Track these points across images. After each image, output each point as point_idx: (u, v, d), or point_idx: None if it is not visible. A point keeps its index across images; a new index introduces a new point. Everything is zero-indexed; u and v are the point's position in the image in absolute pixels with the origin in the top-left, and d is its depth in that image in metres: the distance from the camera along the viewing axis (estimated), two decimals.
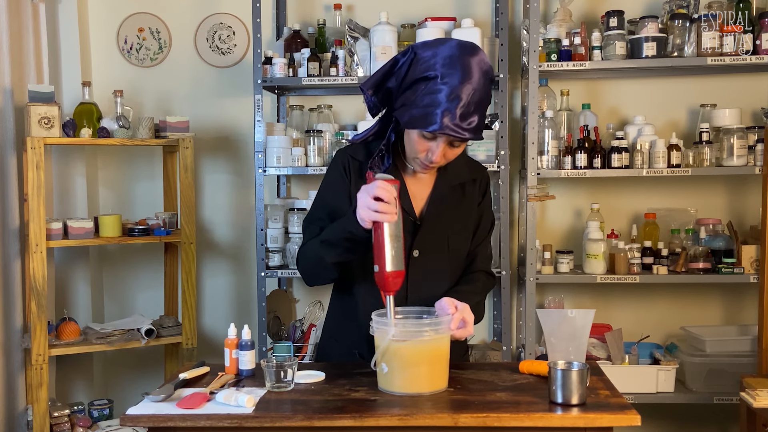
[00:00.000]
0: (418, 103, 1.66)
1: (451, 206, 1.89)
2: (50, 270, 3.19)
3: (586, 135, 3.14)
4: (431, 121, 1.64)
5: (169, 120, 3.22)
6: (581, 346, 1.85)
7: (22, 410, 3.11)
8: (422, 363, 1.61)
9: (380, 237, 1.63)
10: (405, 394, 1.61)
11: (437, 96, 1.63)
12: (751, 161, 3.05)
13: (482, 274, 1.95)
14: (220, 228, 3.66)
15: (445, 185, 1.88)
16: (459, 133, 1.64)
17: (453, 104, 1.62)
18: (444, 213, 1.87)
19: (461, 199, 1.91)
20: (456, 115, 1.62)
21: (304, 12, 3.55)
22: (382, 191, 1.61)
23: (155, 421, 1.52)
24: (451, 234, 1.88)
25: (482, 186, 1.95)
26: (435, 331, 1.62)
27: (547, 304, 3.24)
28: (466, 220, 1.91)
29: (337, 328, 1.97)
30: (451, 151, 1.74)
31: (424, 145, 1.72)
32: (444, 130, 1.63)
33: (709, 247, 3.11)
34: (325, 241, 1.76)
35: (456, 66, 1.63)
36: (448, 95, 1.62)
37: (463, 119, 1.63)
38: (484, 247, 1.97)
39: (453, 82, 1.62)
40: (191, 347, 3.24)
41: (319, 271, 1.82)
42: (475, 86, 1.64)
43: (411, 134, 1.73)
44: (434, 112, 1.63)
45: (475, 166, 1.97)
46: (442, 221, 1.86)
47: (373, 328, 1.66)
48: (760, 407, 2.58)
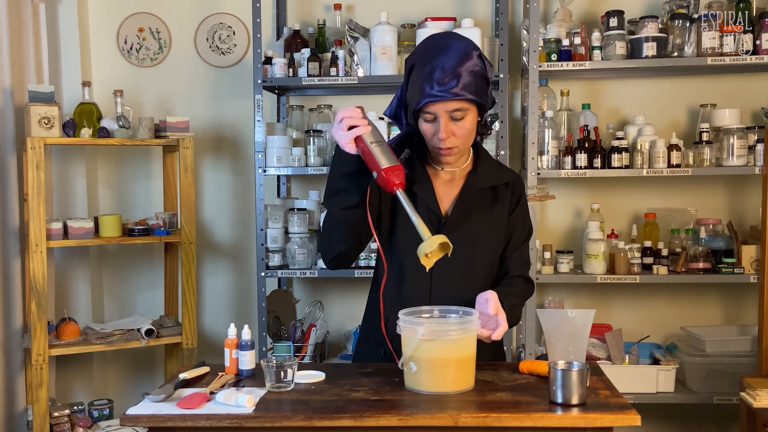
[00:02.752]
0: (411, 92, 1.80)
1: (481, 208, 1.90)
2: (50, 270, 3.19)
3: (586, 135, 3.14)
4: (419, 97, 1.76)
5: (169, 120, 3.22)
6: (581, 346, 1.85)
7: (22, 410, 3.11)
8: (450, 362, 1.62)
9: (365, 147, 1.71)
10: (432, 393, 1.61)
11: (419, 76, 1.76)
12: (751, 161, 3.05)
13: (520, 279, 1.95)
14: (220, 228, 3.66)
15: (473, 187, 1.90)
16: (441, 95, 1.73)
17: (429, 75, 1.74)
18: (471, 214, 1.88)
19: (492, 202, 1.92)
20: (434, 82, 1.73)
21: (304, 12, 3.55)
22: (343, 111, 1.72)
23: (155, 421, 1.52)
24: (479, 235, 1.88)
25: (516, 190, 1.96)
26: (463, 330, 1.63)
27: (547, 304, 3.24)
28: (496, 223, 1.91)
29: (368, 327, 2.00)
30: (456, 125, 1.79)
31: (430, 129, 1.80)
32: (426, 98, 1.74)
33: (709, 247, 3.11)
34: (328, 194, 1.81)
35: (427, 48, 1.79)
36: (424, 72, 1.75)
37: (442, 84, 1.73)
38: (521, 253, 1.96)
39: (426, 60, 1.76)
40: (191, 347, 3.24)
41: (330, 229, 1.84)
42: (448, 56, 1.75)
43: (420, 125, 1.83)
44: (420, 90, 1.75)
45: (507, 171, 1.99)
46: (469, 221, 1.87)
47: (400, 326, 1.66)
48: (760, 407, 2.58)
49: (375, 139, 1.71)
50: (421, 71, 1.76)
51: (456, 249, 1.77)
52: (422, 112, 1.78)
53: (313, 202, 3.34)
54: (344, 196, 1.77)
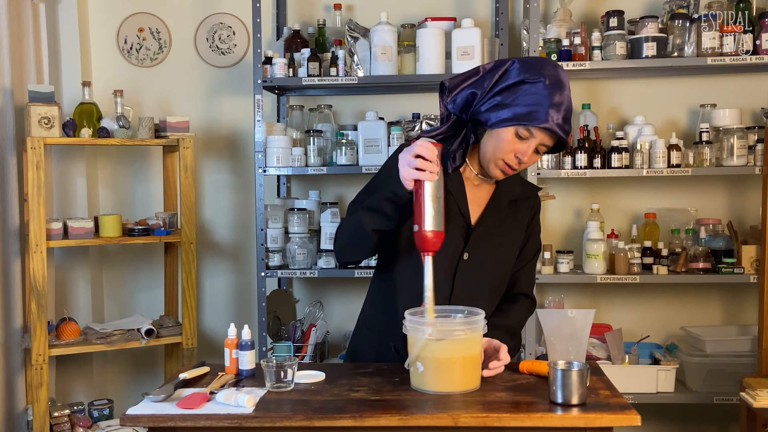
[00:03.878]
0: (521, 102, 1.71)
1: (504, 220, 1.91)
2: (50, 270, 3.19)
3: (586, 135, 3.14)
4: (538, 117, 1.70)
5: (169, 120, 3.22)
6: (581, 346, 1.85)
7: (22, 410, 3.11)
8: (456, 362, 1.62)
9: (420, 196, 1.64)
10: (439, 392, 1.61)
11: (543, 97, 1.70)
12: (751, 161, 3.05)
13: (524, 299, 1.99)
14: (220, 228, 3.66)
15: (501, 201, 1.91)
16: (560, 131, 1.71)
17: (557, 106, 1.71)
18: (497, 224, 1.90)
19: (513, 215, 1.93)
20: (560, 116, 1.71)
21: (304, 12, 3.55)
22: (422, 149, 1.64)
23: (155, 421, 1.52)
24: (501, 246, 1.90)
25: (534, 206, 1.97)
26: (470, 330, 1.63)
27: (547, 304, 3.24)
28: (514, 236, 1.93)
29: (372, 318, 1.98)
30: (533, 157, 1.78)
31: (515, 146, 1.75)
32: (550, 125, 1.70)
33: (709, 247, 3.11)
34: (366, 207, 1.77)
35: (557, 76, 1.73)
36: (552, 98, 1.70)
37: (563, 121, 1.72)
38: (528, 270, 1.99)
39: (556, 88, 1.71)
40: (191, 347, 3.24)
41: (356, 240, 1.81)
42: (569, 98, 1.74)
43: (501, 134, 1.75)
44: (541, 110, 1.70)
45: (529, 186, 2.00)
46: (494, 231, 1.89)
47: (407, 326, 1.66)
48: (760, 407, 2.58)
49: (435, 194, 1.64)
50: (552, 95, 1.70)
51: (480, 256, 1.84)
52: (524, 129, 1.72)
53: (313, 202, 3.34)
54: (382, 219, 1.75)
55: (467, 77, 1.78)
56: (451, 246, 1.83)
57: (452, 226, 1.80)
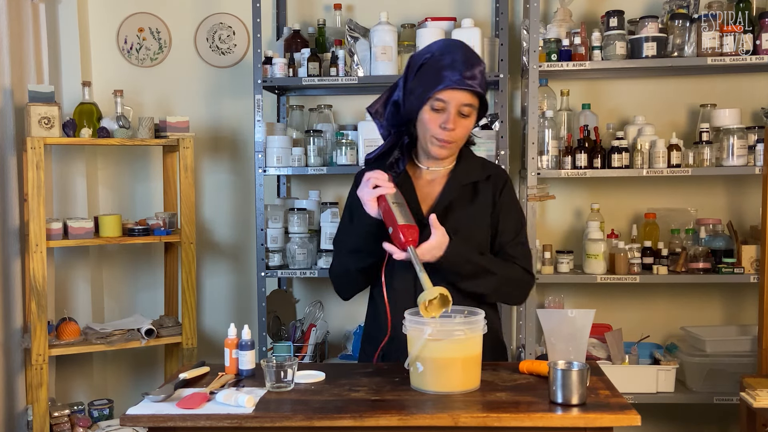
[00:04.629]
0: (423, 81, 1.83)
1: (462, 203, 1.92)
2: (50, 270, 3.19)
3: (586, 135, 3.14)
4: (438, 81, 1.80)
5: (169, 120, 3.22)
6: (581, 346, 1.85)
7: (22, 410, 3.11)
8: (456, 362, 1.63)
9: (386, 208, 1.78)
10: (439, 392, 1.61)
11: (438, 64, 1.81)
12: (751, 161, 3.05)
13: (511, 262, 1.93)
14: (220, 228, 3.66)
15: (455, 185, 1.93)
16: (465, 84, 1.79)
17: (453, 65, 1.80)
18: (452, 209, 1.91)
19: (473, 196, 1.94)
20: (458, 71, 1.79)
21: (304, 12, 3.55)
22: (373, 177, 1.80)
23: (155, 421, 1.52)
24: (460, 229, 1.89)
25: (498, 184, 1.96)
26: (470, 330, 1.63)
27: (547, 304, 3.24)
28: (478, 219, 1.93)
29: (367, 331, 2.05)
30: (461, 122, 1.84)
31: (436, 118, 1.84)
32: (448, 82, 1.79)
33: (709, 247, 3.11)
34: (348, 250, 1.92)
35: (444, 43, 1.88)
36: (446, 61, 1.81)
37: (465, 75, 1.79)
38: (514, 246, 1.95)
39: (448, 51, 1.83)
40: (191, 347, 3.24)
41: (348, 283, 1.99)
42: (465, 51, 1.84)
43: (422, 116, 1.86)
44: (438, 75, 1.80)
45: (490, 166, 2.01)
46: (451, 220, 1.88)
47: (407, 326, 1.66)
48: (760, 407, 2.58)
49: (396, 201, 1.79)
50: (442, 60, 1.81)
51: None
52: (434, 100, 1.82)
53: (313, 202, 3.34)
54: (362, 256, 1.88)
55: (384, 92, 1.95)
56: None
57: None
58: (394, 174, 1.91)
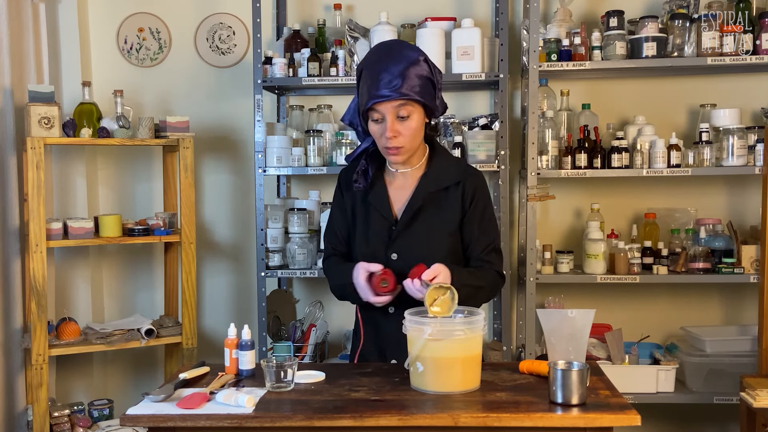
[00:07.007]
0: (361, 95, 1.92)
1: (431, 207, 1.96)
2: (50, 270, 3.19)
3: (586, 135, 3.14)
4: (368, 97, 1.87)
5: (169, 120, 3.22)
6: (581, 346, 1.85)
7: (22, 410, 3.11)
8: (456, 362, 1.63)
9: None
10: (439, 392, 1.61)
11: (368, 78, 1.88)
12: (751, 161, 3.05)
13: (488, 268, 1.99)
14: (220, 228, 3.66)
15: (424, 190, 1.97)
16: (387, 95, 1.83)
17: (376, 78, 1.85)
18: (421, 216, 1.95)
19: (443, 201, 1.97)
20: (378, 86, 1.84)
21: (304, 12, 3.55)
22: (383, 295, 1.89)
23: (155, 421, 1.52)
24: (429, 232, 1.95)
25: (468, 188, 1.99)
26: (470, 330, 1.64)
27: (547, 304, 3.23)
28: (447, 222, 1.97)
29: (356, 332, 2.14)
30: (401, 124, 1.88)
31: (378, 129, 1.90)
32: (373, 98, 1.85)
33: (709, 247, 3.11)
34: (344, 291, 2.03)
35: (374, 55, 1.92)
36: (372, 75, 1.86)
37: (388, 86, 1.84)
38: (490, 252, 2.00)
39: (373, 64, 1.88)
40: (191, 347, 3.24)
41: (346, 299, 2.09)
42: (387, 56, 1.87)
43: (370, 127, 1.93)
44: (367, 90, 1.87)
45: (462, 170, 2.03)
46: (420, 224, 1.94)
47: (407, 326, 1.67)
48: (760, 407, 2.58)
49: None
50: (370, 75, 1.86)
51: (408, 252, 1.91)
52: (371, 112, 1.88)
53: (313, 202, 3.34)
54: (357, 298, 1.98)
55: (352, 101, 2.01)
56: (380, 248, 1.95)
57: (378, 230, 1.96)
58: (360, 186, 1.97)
